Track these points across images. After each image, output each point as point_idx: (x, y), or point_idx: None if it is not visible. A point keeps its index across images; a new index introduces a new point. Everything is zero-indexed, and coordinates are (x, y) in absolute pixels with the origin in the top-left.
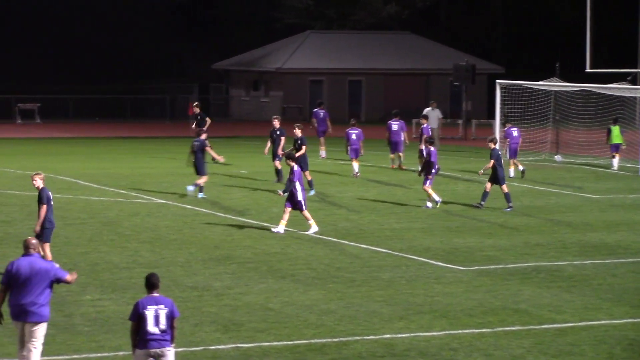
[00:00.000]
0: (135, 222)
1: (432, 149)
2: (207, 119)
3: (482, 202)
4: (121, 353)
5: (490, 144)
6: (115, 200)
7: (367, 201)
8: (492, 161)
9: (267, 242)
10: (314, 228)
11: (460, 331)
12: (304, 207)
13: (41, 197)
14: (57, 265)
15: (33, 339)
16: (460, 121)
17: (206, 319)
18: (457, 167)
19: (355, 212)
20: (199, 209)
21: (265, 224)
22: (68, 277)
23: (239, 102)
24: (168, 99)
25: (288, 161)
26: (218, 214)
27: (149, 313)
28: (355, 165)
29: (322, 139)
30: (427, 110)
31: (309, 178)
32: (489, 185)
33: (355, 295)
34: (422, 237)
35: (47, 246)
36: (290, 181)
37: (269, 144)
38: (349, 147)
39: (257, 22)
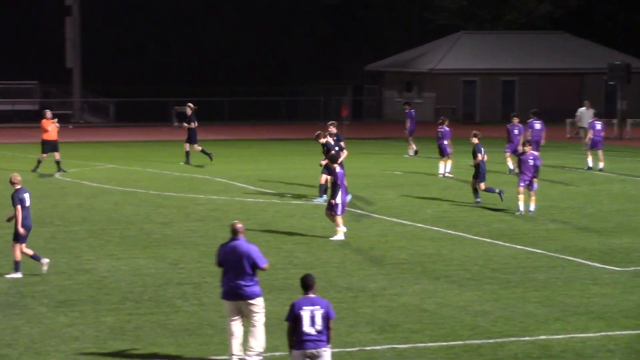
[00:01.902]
0: (290, 223)
1: (534, 153)
2: (185, 124)
3: (479, 200)
4: (278, 353)
5: (473, 139)
6: (271, 201)
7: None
8: (480, 155)
9: (421, 243)
10: (340, 236)
11: (617, 332)
12: (338, 211)
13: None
14: (257, 251)
15: (254, 314)
16: (615, 121)
17: (361, 319)
18: (613, 167)
19: (509, 213)
20: (353, 210)
21: (419, 225)
22: (265, 265)
23: (392, 104)
24: (322, 100)
25: (330, 164)
26: (372, 214)
27: (305, 314)
28: (441, 165)
29: (409, 138)
30: (581, 110)
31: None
32: (482, 185)
33: (511, 296)
34: (577, 238)
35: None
36: (334, 184)
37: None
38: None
39: (410, 23)
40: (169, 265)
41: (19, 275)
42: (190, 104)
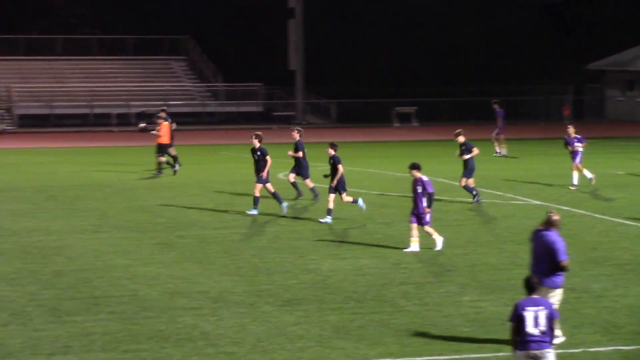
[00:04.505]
0: (512, 223)
1: None
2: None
3: (477, 198)
4: (501, 354)
5: (459, 137)
6: (492, 201)
7: None
8: (475, 150)
9: None
10: (439, 243)
11: None
12: (427, 219)
13: None
14: (561, 244)
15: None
16: None
17: (585, 320)
18: None
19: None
20: (575, 210)
21: None
22: (564, 262)
23: (614, 103)
24: (543, 100)
25: (413, 172)
26: (595, 215)
27: (529, 314)
28: (586, 173)
29: (502, 137)
30: None
31: (311, 185)
32: (464, 180)
33: None
34: None
35: None
36: (429, 193)
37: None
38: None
39: (633, 20)
40: (391, 265)
41: None
42: (164, 108)
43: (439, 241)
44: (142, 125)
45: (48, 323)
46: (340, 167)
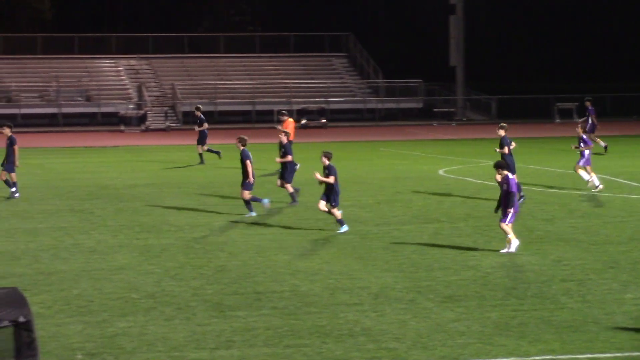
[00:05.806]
0: None
1: None
2: (205, 123)
3: (522, 195)
4: None
5: (500, 131)
6: None
7: None
8: (507, 147)
9: None
10: (515, 242)
11: None
12: (507, 220)
13: None
14: None
15: None
16: None
17: None
18: None
19: None
20: None
21: None
22: None
23: None
24: None
25: (499, 170)
26: None
27: None
28: (594, 177)
29: (592, 135)
30: None
31: (291, 190)
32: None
33: None
34: None
35: None
36: (511, 192)
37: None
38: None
39: None
40: (552, 261)
41: None
42: (199, 106)
43: (513, 243)
44: (304, 121)
45: (211, 318)
46: (332, 178)
